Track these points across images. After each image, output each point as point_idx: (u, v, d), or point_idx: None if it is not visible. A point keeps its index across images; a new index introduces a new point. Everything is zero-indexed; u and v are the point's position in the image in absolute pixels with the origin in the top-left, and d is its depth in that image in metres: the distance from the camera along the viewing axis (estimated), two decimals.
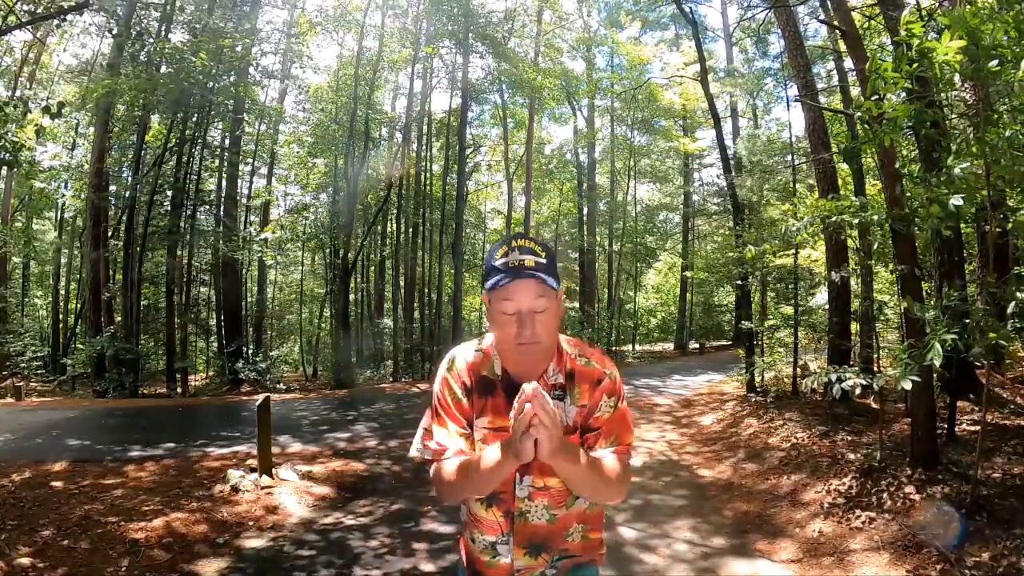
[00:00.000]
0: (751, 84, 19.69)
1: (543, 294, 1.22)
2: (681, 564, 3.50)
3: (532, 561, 1.37)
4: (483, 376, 1.33)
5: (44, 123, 6.18)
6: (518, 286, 1.20)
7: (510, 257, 1.23)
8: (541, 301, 1.22)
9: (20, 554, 3.33)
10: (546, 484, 1.32)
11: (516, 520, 1.34)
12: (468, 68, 17.65)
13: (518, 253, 1.23)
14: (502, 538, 1.35)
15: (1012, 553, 2.98)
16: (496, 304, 1.24)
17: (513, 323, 1.23)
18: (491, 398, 1.31)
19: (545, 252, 1.26)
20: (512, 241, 1.26)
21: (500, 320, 1.25)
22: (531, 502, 1.33)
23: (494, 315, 1.26)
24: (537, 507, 1.33)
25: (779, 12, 8.39)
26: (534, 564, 1.37)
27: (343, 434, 7.36)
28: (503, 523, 1.34)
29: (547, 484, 1.32)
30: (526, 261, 1.22)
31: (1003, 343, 3.09)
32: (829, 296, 7.36)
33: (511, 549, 1.35)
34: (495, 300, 1.24)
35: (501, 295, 1.22)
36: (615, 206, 23.49)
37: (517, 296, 1.22)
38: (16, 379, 13.85)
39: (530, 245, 1.25)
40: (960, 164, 3.02)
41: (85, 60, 18.05)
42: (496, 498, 1.33)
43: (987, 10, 2.98)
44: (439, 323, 18.61)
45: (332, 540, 3.91)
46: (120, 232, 14.69)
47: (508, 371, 1.31)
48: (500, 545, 1.36)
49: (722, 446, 6.48)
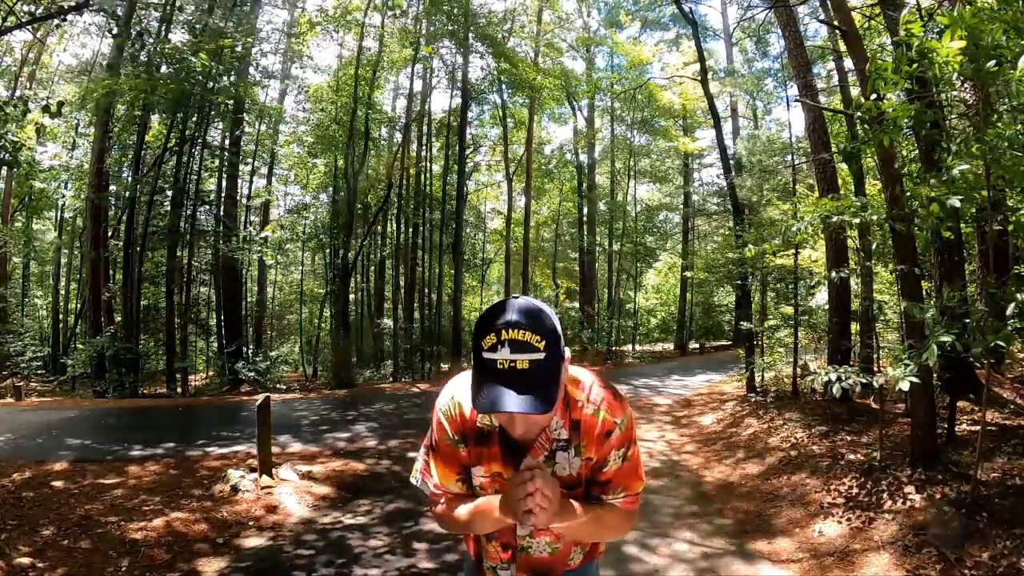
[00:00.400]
0: (751, 84, 19.71)
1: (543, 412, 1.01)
2: (681, 564, 3.50)
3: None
4: (479, 429, 1.24)
5: (44, 123, 6.18)
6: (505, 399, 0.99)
7: (499, 354, 1.00)
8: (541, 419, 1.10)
9: (20, 554, 3.33)
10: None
11: (518, 554, 1.38)
12: (468, 68, 17.67)
13: (508, 351, 1.00)
14: (503, 565, 1.39)
15: (1012, 553, 2.98)
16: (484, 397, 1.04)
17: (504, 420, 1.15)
18: (487, 447, 1.25)
19: (544, 340, 1.01)
20: (503, 330, 1.00)
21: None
22: (532, 539, 1.36)
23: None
24: (539, 543, 1.37)
25: (779, 12, 8.39)
26: None
27: (343, 434, 7.36)
28: (503, 555, 1.38)
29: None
30: (517, 363, 0.99)
31: (1003, 344, 3.08)
32: (829, 296, 7.36)
33: (513, 572, 1.39)
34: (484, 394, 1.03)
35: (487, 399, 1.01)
36: (615, 206, 23.49)
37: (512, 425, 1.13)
38: (16, 379, 13.83)
39: (524, 337, 1.00)
40: (959, 165, 3.02)
41: (85, 60, 18.08)
42: (494, 536, 1.37)
43: (987, 10, 2.98)
44: (439, 323, 18.61)
45: (332, 540, 3.91)
46: (120, 232, 14.69)
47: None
48: (502, 570, 1.40)
49: (722, 446, 6.48)
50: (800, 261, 8.10)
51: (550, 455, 1.24)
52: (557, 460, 1.24)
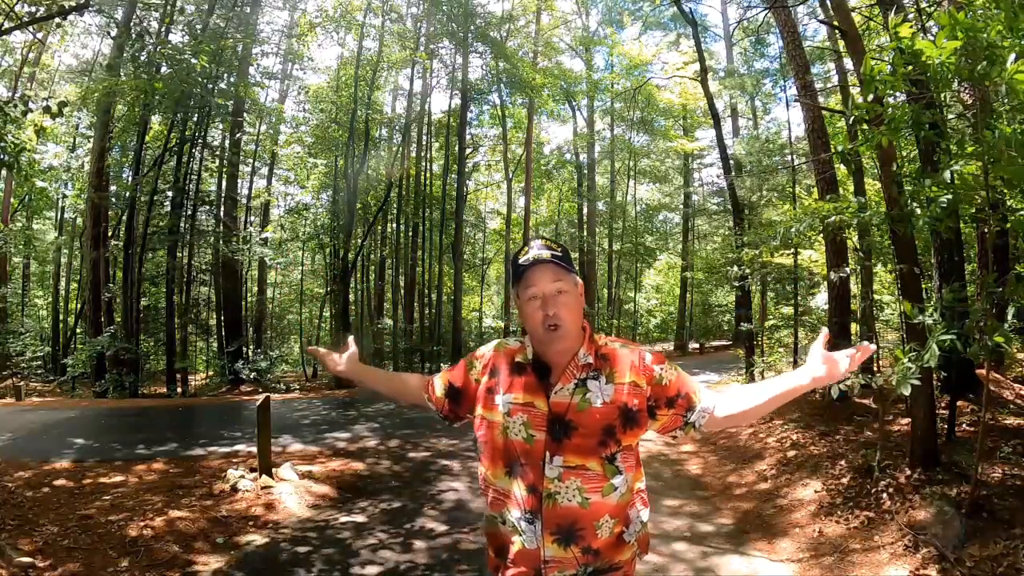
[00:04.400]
0: (750, 85, 19.70)
1: (560, 278, 1.35)
2: (681, 563, 3.50)
3: (562, 552, 1.30)
4: (516, 361, 1.41)
5: (45, 124, 6.17)
6: (536, 270, 1.34)
7: (530, 254, 1.37)
8: (559, 284, 1.34)
9: (21, 553, 3.33)
10: (583, 464, 1.30)
11: (544, 502, 1.29)
12: (468, 68, 17.67)
13: (536, 249, 1.38)
14: (527, 515, 1.31)
15: (1012, 553, 2.98)
16: (523, 295, 1.37)
17: (539, 309, 1.33)
18: (522, 377, 1.38)
19: (560, 248, 1.40)
20: (530, 242, 1.42)
21: (528, 310, 1.36)
22: (561, 483, 1.29)
23: (523, 309, 1.38)
24: (568, 488, 1.29)
25: (778, 12, 8.39)
26: (564, 557, 1.30)
27: (343, 434, 7.36)
28: (526, 499, 1.31)
29: (584, 464, 1.30)
30: (543, 255, 1.35)
31: (1002, 344, 3.08)
32: (829, 296, 7.37)
33: (539, 535, 1.30)
34: (522, 293, 1.37)
35: (524, 283, 1.36)
36: (614, 206, 23.50)
37: (537, 280, 1.34)
38: (16, 379, 13.84)
39: (545, 243, 1.40)
40: (953, 166, 3.03)
41: (86, 60, 18.07)
42: (520, 469, 1.32)
43: (982, 5, 2.99)
44: (439, 323, 18.62)
45: (331, 538, 3.92)
46: (120, 232, 14.69)
47: (540, 356, 1.39)
48: (526, 523, 1.31)
49: (721, 446, 6.49)
50: (800, 261, 8.12)
51: (581, 383, 1.34)
52: (589, 388, 1.33)
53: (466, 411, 1.52)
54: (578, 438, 1.30)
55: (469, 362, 1.51)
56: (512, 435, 1.34)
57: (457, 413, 1.53)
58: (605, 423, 1.31)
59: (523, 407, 1.34)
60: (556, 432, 1.31)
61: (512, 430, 1.34)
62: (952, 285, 4.13)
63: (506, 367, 1.42)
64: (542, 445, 1.31)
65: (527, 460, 1.32)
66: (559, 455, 1.30)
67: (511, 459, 1.34)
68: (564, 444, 1.30)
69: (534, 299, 1.34)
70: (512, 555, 1.34)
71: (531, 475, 1.31)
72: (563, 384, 1.34)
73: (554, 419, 1.32)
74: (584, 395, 1.33)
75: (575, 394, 1.33)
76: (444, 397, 1.53)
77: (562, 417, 1.31)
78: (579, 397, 1.33)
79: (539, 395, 1.34)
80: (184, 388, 13.98)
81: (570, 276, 1.36)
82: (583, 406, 1.32)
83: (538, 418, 1.32)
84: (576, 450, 1.30)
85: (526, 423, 1.33)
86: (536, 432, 1.32)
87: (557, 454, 1.30)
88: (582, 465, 1.30)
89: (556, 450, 1.30)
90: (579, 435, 1.30)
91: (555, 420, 1.32)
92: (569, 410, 1.32)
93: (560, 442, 1.30)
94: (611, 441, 1.32)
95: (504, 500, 1.35)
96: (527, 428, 1.33)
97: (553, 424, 1.31)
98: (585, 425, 1.31)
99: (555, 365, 1.37)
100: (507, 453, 1.35)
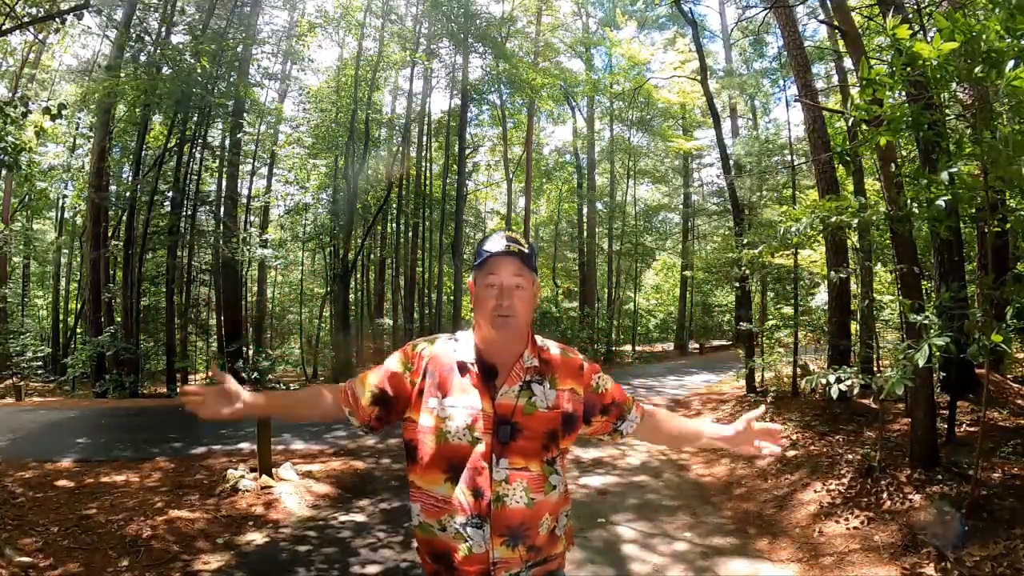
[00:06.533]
0: (750, 84, 19.70)
1: (521, 273, 1.34)
2: (680, 563, 3.50)
3: (510, 552, 1.29)
4: (459, 361, 1.37)
5: (45, 124, 6.18)
6: (501, 260, 1.33)
7: (498, 243, 1.35)
8: (519, 279, 1.33)
9: (21, 552, 3.33)
10: (526, 466, 1.31)
11: (493, 506, 1.28)
12: (468, 68, 17.67)
13: (504, 240, 1.35)
14: (473, 520, 1.28)
15: (1012, 553, 2.98)
16: (481, 281, 1.36)
17: (493, 296, 1.32)
18: (465, 377, 1.35)
19: (528, 246, 1.38)
20: (499, 232, 1.39)
21: (484, 296, 1.34)
22: (508, 485, 1.29)
23: (478, 294, 1.36)
24: (515, 490, 1.29)
25: (778, 12, 8.40)
26: (511, 557, 1.30)
27: (343, 433, 7.36)
28: (472, 504, 1.28)
29: (527, 466, 1.31)
30: (511, 247, 1.34)
31: (1002, 343, 3.09)
32: (829, 296, 7.37)
33: (487, 538, 1.28)
34: (480, 278, 1.36)
35: (485, 270, 1.34)
36: (614, 206, 23.48)
37: (499, 270, 1.33)
38: (16, 379, 13.84)
39: (515, 236, 1.38)
40: (952, 166, 3.03)
41: (86, 60, 18.07)
42: (465, 475, 1.29)
43: (981, 5, 2.99)
44: (439, 323, 18.61)
45: (331, 537, 3.92)
46: (120, 232, 14.68)
47: (482, 356, 1.37)
48: (472, 529, 1.27)
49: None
50: (800, 261, 8.12)
51: (526, 385, 1.34)
52: (535, 392, 1.35)
53: (397, 417, 1.41)
54: (523, 440, 1.31)
55: (401, 363, 1.40)
56: (453, 439, 1.30)
57: (387, 420, 1.42)
58: (549, 427, 1.34)
59: (468, 410, 1.31)
60: (502, 434, 1.30)
61: (454, 433, 1.30)
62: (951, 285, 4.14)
63: (445, 368, 1.36)
64: (488, 448, 1.29)
65: (472, 464, 1.29)
66: (505, 457, 1.30)
67: (452, 464, 1.30)
68: (510, 446, 1.30)
69: (492, 287, 1.33)
70: (458, 561, 1.29)
71: (476, 479, 1.28)
72: (509, 386, 1.33)
73: (500, 421, 1.30)
74: (530, 398, 1.33)
75: (520, 396, 1.33)
76: (372, 406, 1.40)
77: (508, 419, 1.31)
78: (525, 400, 1.33)
79: (484, 397, 1.32)
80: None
81: (531, 274, 1.36)
82: (529, 410, 1.33)
83: (483, 420, 1.30)
84: (521, 452, 1.31)
85: (470, 426, 1.30)
86: (481, 435, 1.30)
87: (503, 456, 1.30)
88: (526, 467, 1.31)
89: (502, 452, 1.30)
90: (524, 438, 1.31)
91: (501, 422, 1.30)
92: (515, 412, 1.32)
93: (506, 444, 1.30)
94: (553, 445, 1.35)
95: (443, 507, 1.30)
96: (471, 431, 1.30)
97: (499, 426, 1.30)
98: (530, 428, 1.32)
99: (501, 366, 1.35)
100: (446, 458, 1.30)
